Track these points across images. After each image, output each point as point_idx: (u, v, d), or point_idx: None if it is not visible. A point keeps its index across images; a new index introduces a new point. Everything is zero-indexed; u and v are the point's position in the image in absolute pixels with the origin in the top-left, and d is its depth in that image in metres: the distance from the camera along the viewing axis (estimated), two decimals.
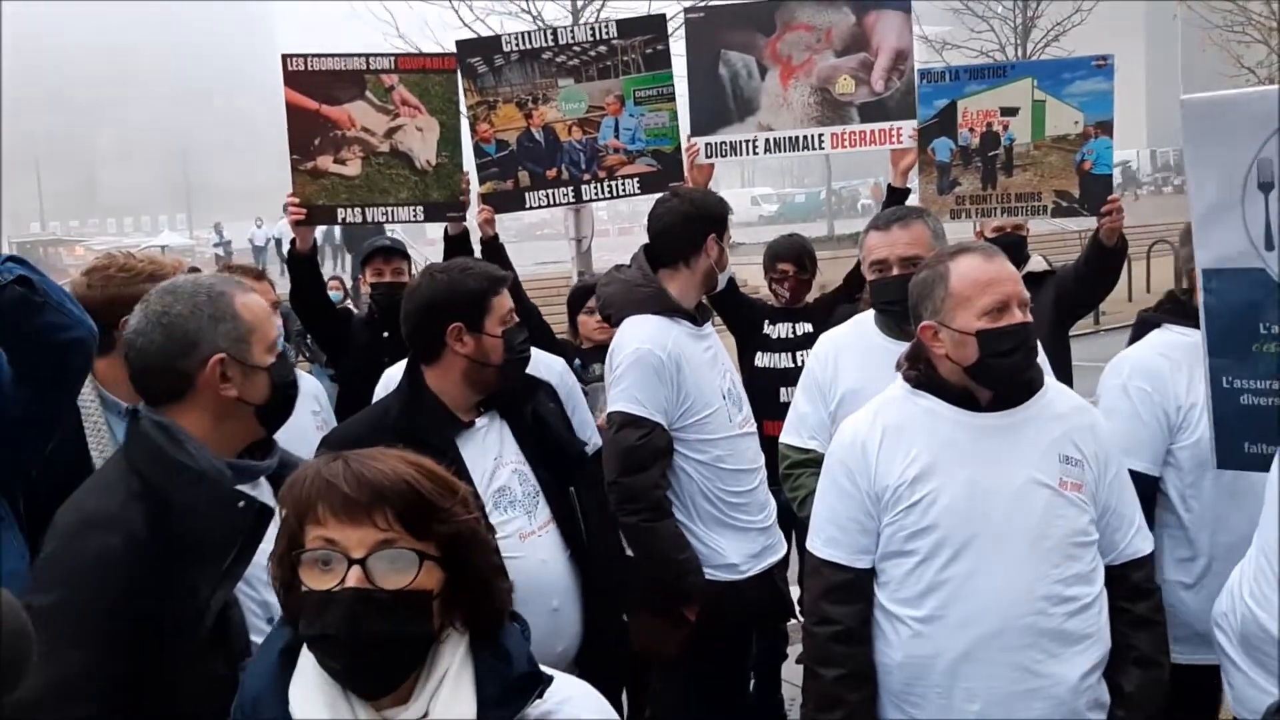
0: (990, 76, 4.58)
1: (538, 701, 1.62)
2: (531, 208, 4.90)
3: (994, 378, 2.67)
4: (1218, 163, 3.09)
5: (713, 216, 3.74)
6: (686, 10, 4.97)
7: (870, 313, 3.62)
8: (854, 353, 3.52)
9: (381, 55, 4.71)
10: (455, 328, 3.06)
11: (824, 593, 2.76)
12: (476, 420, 3.13)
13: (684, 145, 4.84)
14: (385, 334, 4.70)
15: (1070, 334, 4.98)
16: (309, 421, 3.83)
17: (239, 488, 2.23)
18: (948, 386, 2.72)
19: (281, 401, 2.41)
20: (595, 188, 4.86)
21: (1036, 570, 2.59)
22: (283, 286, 4.81)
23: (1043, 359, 3.23)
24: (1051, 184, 4.53)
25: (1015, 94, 4.54)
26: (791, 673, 4.45)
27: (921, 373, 2.76)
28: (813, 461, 3.43)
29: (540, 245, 32.58)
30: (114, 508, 2.14)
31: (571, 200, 4.89)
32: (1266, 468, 3.06)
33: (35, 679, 1.89)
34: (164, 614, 2.07)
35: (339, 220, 4.73)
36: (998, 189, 4.57)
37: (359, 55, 4.68)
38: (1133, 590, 2.73)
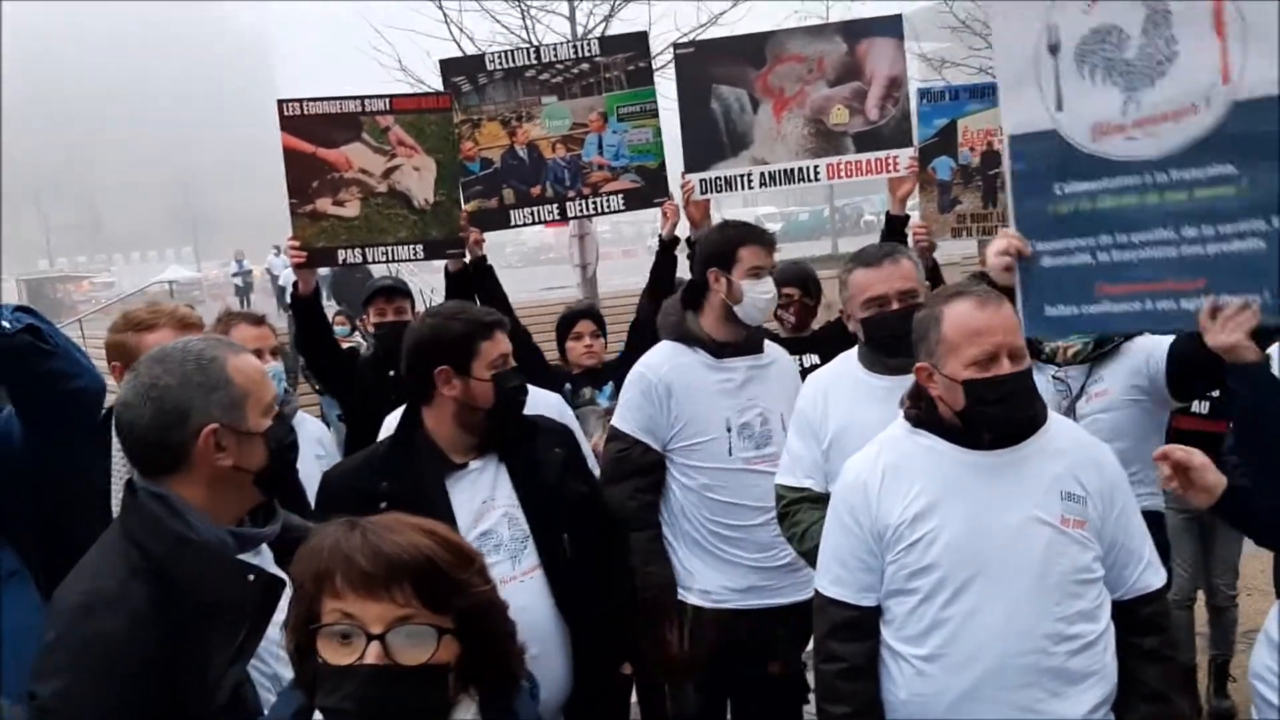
0: (990, 95, 4.55)
1: None
2: (516, 225, 4.95)
3: (981, 425, 2.69)
4: (1015, 30, 3.31)
5: (710, 254, 3.84)
6: (675, 46, 4.99)
7: (854, 351, 3.60)
8: (841, 391, 3.52)
9: (376, 96, 4.75)
10: (443, 371, 3.10)
11: (830, 630, 2.79)
12: (471, 462, 3.15)
13: (678, 179, 4.86)
14: (391, 373, 4.65)
15: None
16: (313, 466, 3.82)
17: (242, 557, 2.19)
18: (947, 425, 2.73)
19: (280, 465, 2.32)
20: (580, 204, 4.91)
21: (1038, 608, 2.59)
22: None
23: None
24: None
25: None
26: None
27: (922, 411, 2.77)
28: (809, 500, 3.46)
29: (546, 270, 32.62)
30: (115, 587, 2.06)
31: (556, 218, 4.94)
32: (1067, 333, 3.42)
33: None
34: (174, 694, 2.02)
35: (339, 262, 4.76)
36: (999, 207, 4.54)
37: (354, 98, 4.72)
38: (1142, 625, 2.72)
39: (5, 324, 2.54)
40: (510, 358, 3.20)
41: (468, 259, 4.82)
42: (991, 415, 2.66)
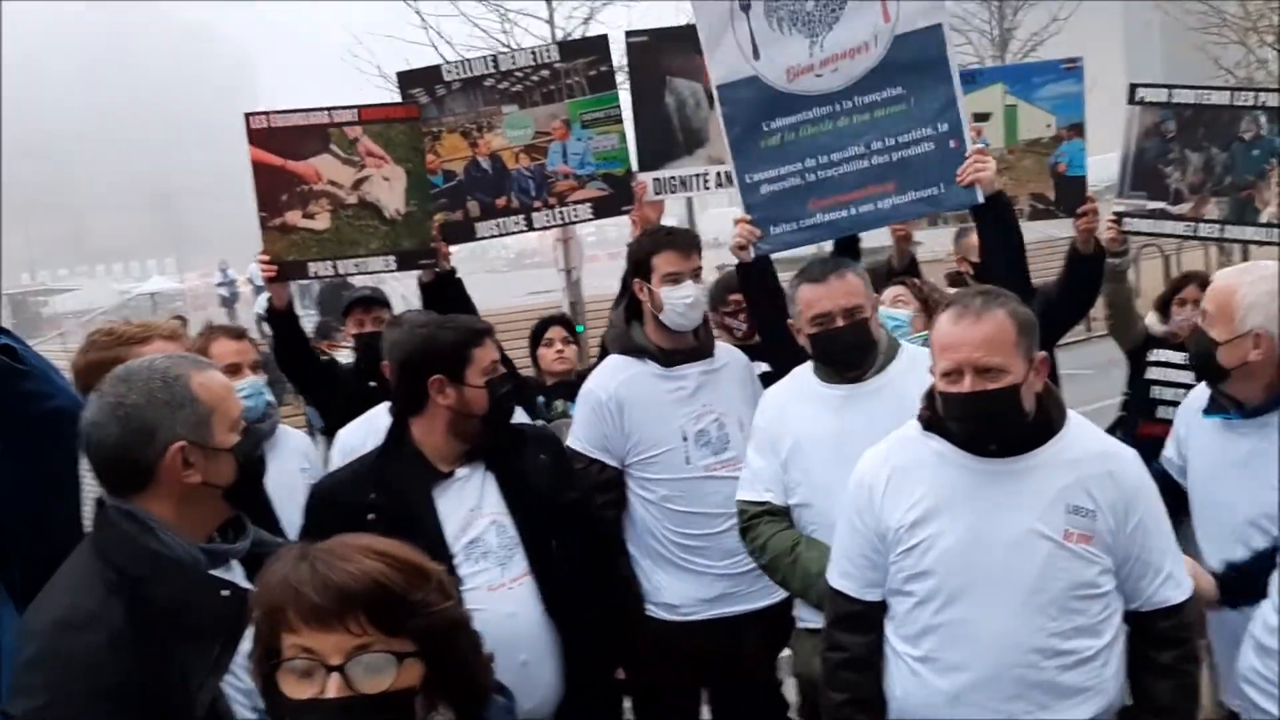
0: (969, 82, 4.49)
1: None
2: (482, 238, 4.85)
3: (954, 436, 2.69)
4: None
5: (635, 262, 3.84)
6: (627, 34, 4.88)
7: (808, 365, 3.56)
8: (798, 403, 3.50)
9: (344, 108, 4.69)
10: (437, 380, 3.12)
11: (835, 621, 2.86)
12: (457, 471, 3.15)
13: (634, 181, 4.73)
14: (372, 384, 4.65)
15: (1059, 342, 4.94)
16: (298, 480, 3.80)
17: (214, 573, 2.19)
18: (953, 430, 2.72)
19: (248, 479, 2.34)
20: (547, 215, 4.78)
21: (1030, 622, 2.58)
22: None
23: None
24: (1027, 188, 4.60)
25: (986, 100, 4.58)
26: None
27: (934, 413, 2.75)
28: (770, 513, 3.46)
29: (530, 275, 32.62)
30: (93, 605, 2.07)
31: (523, 229, 4.82)
32: (793, 245, 4.07)
33: None
34: (153, 710, 2.02)
35: (310, 275, 4.68)
36: None
37: (321, 109, 4.66)
38: (1158, 638, 2.69)
39: None
40: (499, 364, 3.21)
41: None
42: (958, 430, 2.68)
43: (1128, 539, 2.65)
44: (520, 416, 4.01)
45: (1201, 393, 3.41)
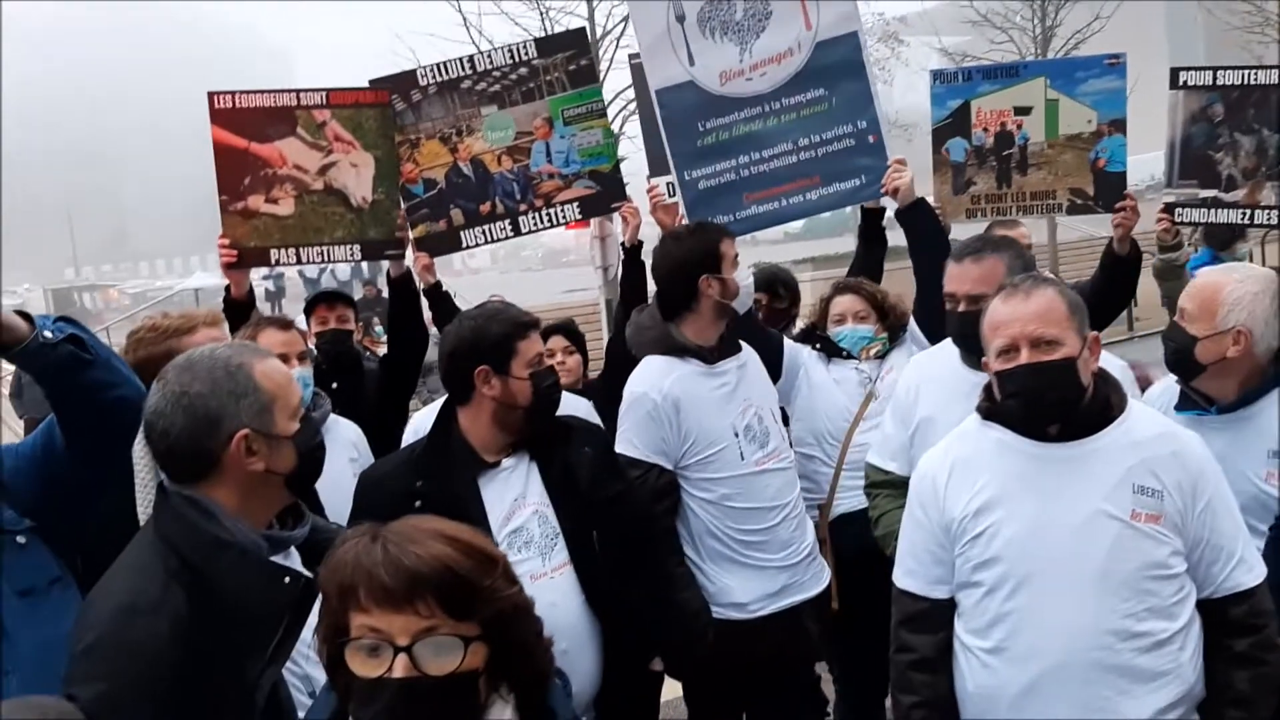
0: (1003, 76, 4.61)
1: None
2: (468, 247, 4.63)
3: (1011, 417, 2.67)
4: (648, 6, 4.46)
5: (700, 260, 3.74)
6: (631, 57, 4.92)
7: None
8: (933, 380, 3.55)
9: (312, 90, 4.49)
10: (482, 371, 3.14)
11: (902, 621, 2.81)
12: (503, 461, 3.18)
13: (644, 183, 4.81)
14: (334, 384, 4.47)
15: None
16: (346, 469, 3.78)
17: (274, 559, 2.20)
18: (1014, 417, 2.69)
19: (310, 466, 2.35)
20: (533, 218, 4.60)
21: (1103, 605, 2.53)
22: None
23: (1129, 380, 3.31)
24: (1066, 182, 4.54)
25: (1028, 93, 4.57)
26: None
27: (993, 403, 2.74)
28: (891, 484, 3.52)
29: (567, 273, 32.72)
30: (156, 591, 2.07)
31: (510, 234, 4.64)
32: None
33: None
34: (213, 698, 2.03)
35: (273, 262, 4.49)
36: (1013, 188, 4.59)
37: (289, 91, 4.48)
38: (1233, 626, 2.62)
39: (48, 334, 2.50)
40: (544, 357, 3.24)
41: (409, 261, 4.56)
42: (1014, 409, 2.65)
43: (1197, 521, 2.59)
44: (589, 410, 4.07)
45: (1165, 390, 3.40)
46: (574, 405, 3.93)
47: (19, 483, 2.68)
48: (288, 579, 2.12)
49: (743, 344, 3.93)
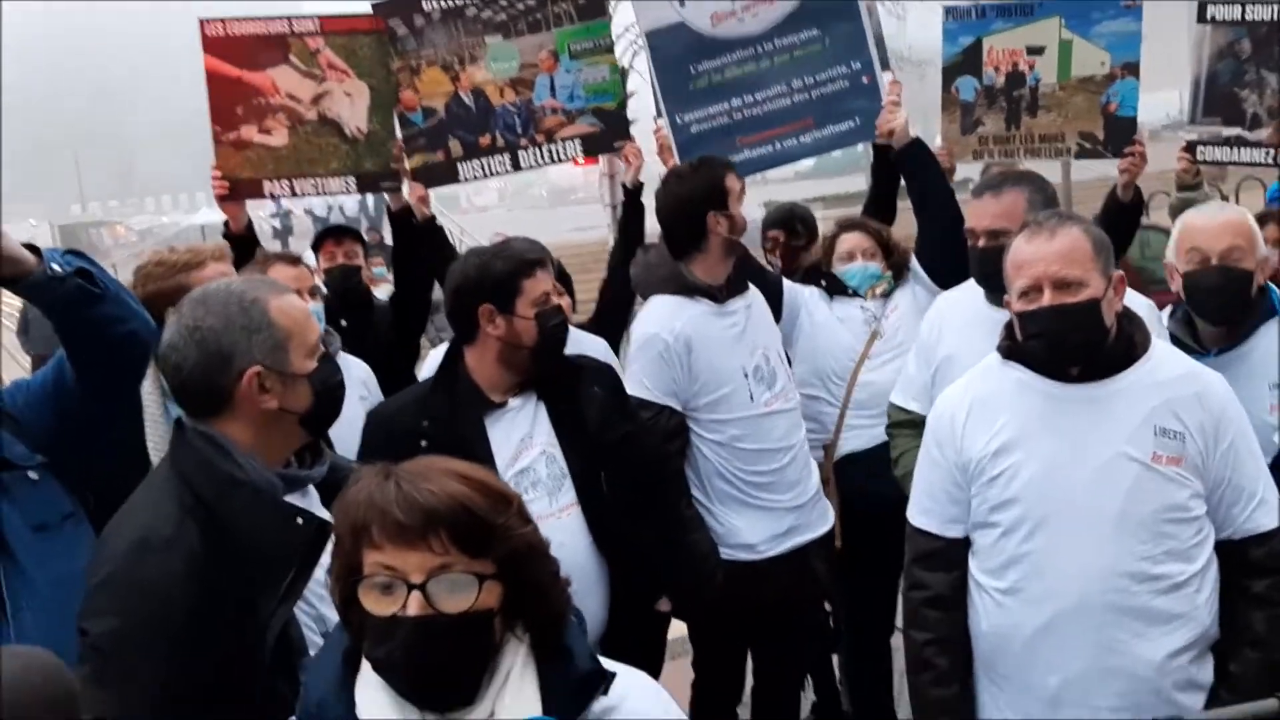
0: (1017, 14, 4.46)
1: (601, 698, 1.62)
2: (465, 180, 4.52)
3: (1033, 359, 2.64)
4: None
5: (706, 196, 3.68)
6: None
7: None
8: (957, 319, 3.51)
9: (305, 17, 4.35)
10: (486, 309, 3.10)
11: (916, 559, 2.81)
12: (510, 401, 3.16)
13: (651, 123, 4.63)
14: (343, 322, 4.42)
15: None
16: (357, 408, 3.70)
17: (289, 499, 2.18)
18: (1034, 357, 2.66)
19: (327, 406, 2.30)
20: (534, 153, 4.48)
21: (1121, 547, 2.53)
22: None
23: (1155, 319, 3.27)
24: (1075, 125, 4.43)
25: (1042, 33, 4.46)
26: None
27: (1014, 342, 2.70)
28: (912, 423, 3.47)
29: (575, 211, 32.48)
30: (170, 528, 2.07)
31: (509, 169, 4.53)
32: None
33: (96, 710, 1.90)
34: (225, 636, 2.03)
35: (266, 194, 4.39)
36: (1021, 130, 4.48)
37: (281, 18, 4.33)
38: (1252, 567, 2.60)
39: (56, 267, 2.47)
40: (552, 296, 3.19)
41: (407, 193, 4.43)
42: (1035, 350, 2.62)
43: (1219, 462, 2.57)
44: (606, 350, 4.01)
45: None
46: (589, 344, 3.89)
47: (30, 418, 2.68)
48: (300, 520, 2.10)
49: (749, 284, 3.89)
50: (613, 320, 4.25)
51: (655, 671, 3.59)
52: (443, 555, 1.52)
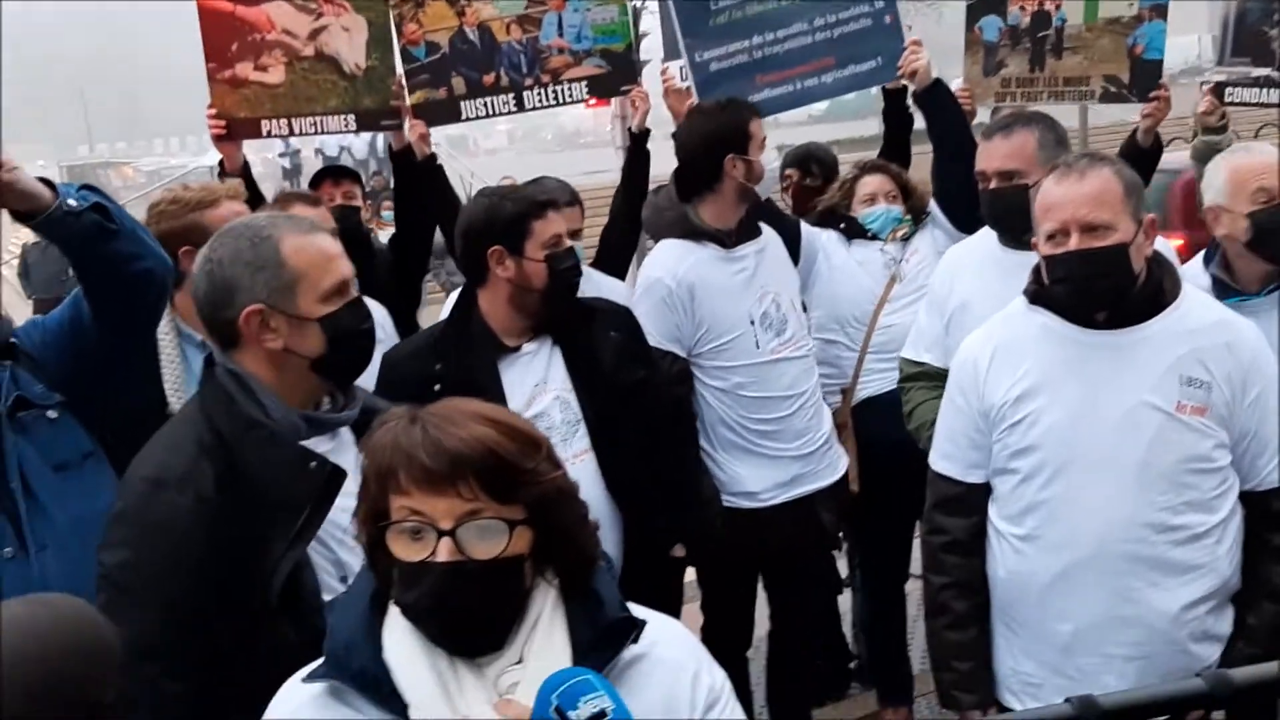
0: None
1: (631, 645, 1.59)
2: (468, 119, 4.41)
3: (1059, 304, 2.59)
4: None
5: (727, 137, 3.62)
6: None
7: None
8: (971, 265, 3.44)
9: None
10: (496, 251, 3.05)
11: (936, 504, 2.80)
12: (524, 345, 3.13)
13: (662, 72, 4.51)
14: None
15: None
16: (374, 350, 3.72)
17: (310, 441, 2.15)
18: (1060, 302, 2.62)
19: (344, 354, 2.22)
20: (539, 94, 4.36)
21: (1141, 496, 2.49)
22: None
23: (1191, 267, 3.25)
24: (1101, 68, 4.34)
25: None
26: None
27: (1041, 287, 2.65)
28: (926, 375, 3.44)
29: (585, 154, 32.23)
30: (184, 465, 2.07)
31: (513, 109, 4.41)
32: None
33: None
34: (234, 575, 2.03)
35: (264, 133, 4.27)
36: (1045, 72, 4.39)
37: None
38: (1273, 520, 2.57)
39: (72, 202, 2.44)
40: (565, 238, 3.13)
41: (407, 130, 4.30)
42: (1060, 294, 2.57)
43: (1245, 413, 2.53)
44: (627, 293, 3.92)
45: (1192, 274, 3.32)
46: (608, 287, 3.85)
47: (48, 356, 2.67)
48: (313, 464, 2.08)
49: (764, 227, 3.83)
50: (612, 266, 4.20)
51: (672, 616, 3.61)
52: (472, 501, 1.49)
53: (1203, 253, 3.42)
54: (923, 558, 2.86)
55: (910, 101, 4.34)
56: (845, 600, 4.79)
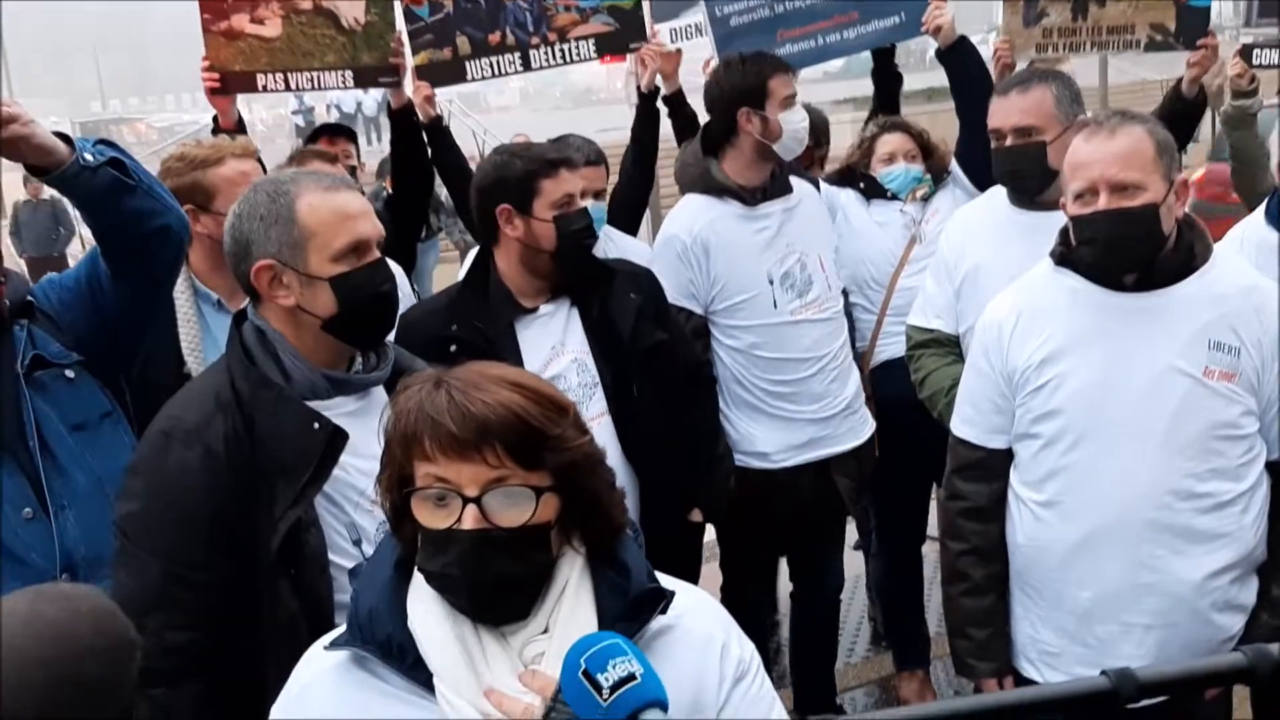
0: None
1: (659, 616, 1.56)
2: (473, 79, 4.32)
3: (1086, 266, 2.54)
4: None
5: (744, 92, 3.56)
6: None
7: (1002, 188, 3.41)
8: (982, 228, 3.39)
9: None
10: (504, 210, 3.02)
11: (956, 469, 2.77)
12: (541, 306, 3.09)
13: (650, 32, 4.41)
14: None
15: None
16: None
17: (334, 401, 2.15)
18: (1088, 264, 2.56)
19: (357, 315, 2.18)
20: (545, 53, 4.27)
21: (1166, 463, 2.46)
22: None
23: (1251, 221, 3.25)
24: (1147, 16, 4.23)
25: None
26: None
27: (1068, 248, 2.60)
28: (936, 342, 3.42)
29: (597, 111, 31.97)
30: (195, 419, 2.08)
31: (519, 69, 4.32)
32: None
33: (116, 588, 2.06)
34: (237, 530, 2.04)
35: (260, 88, 4.17)
36: (1088, 21, 4.27)
37: None
38: None
39: (89, 156, 2.41)
40: (577, 199, 3.07)
41: (411, 93, 4.23)
42: (1088, 255, 2.52)
43: (1274, 379, 2.49)
44: (649, 255, 3.90)
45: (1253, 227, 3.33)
46: (632, 248, 3.81)
47: (66, 315, 2.65)
48: (316, 425, 2.07)
49: (800, 185, 3.76)
50: (622, 224, 4.16)
51: (691, 581, 3.60)
52: (498, 468, 1.46)
53: (1263, 206, 3.37)
54: (940, 523, 2.84)
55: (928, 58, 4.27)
56: (858, 563, 4.80)
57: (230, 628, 2.05)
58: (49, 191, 13.26)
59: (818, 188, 4.07)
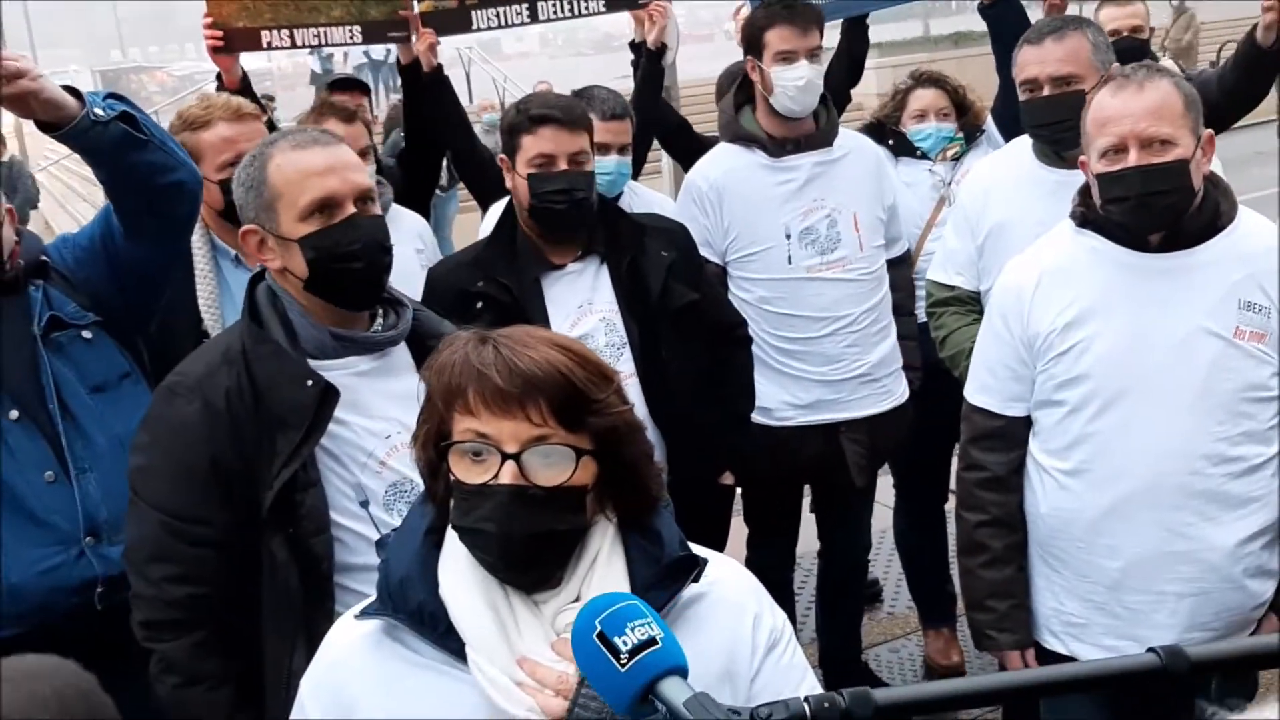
0: None
1: (691, 584, 1.55)
2: (478, 29, 4.19)
3: (1112, 225, 2.46)
4: None
5: (745, 40, 3.54)
6: None
7: (1027, 141, 3.30)
8: (1006, 183, 3.30)
9: None
10: (503, 160, 3.00)
11: (973, 439, 2.69)
12: (570, 264, 3.01)
13: None
14: None
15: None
16: (413, 261, 3.55)
17: (346, 360, 2.15)
18: (1112, 224, 2.47)
19: (330, 275, 2.13)
20: (554, 4, 4.15)
21: (1197, 426, 2.39)
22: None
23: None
24: None
25: None
26: None
27: (1090, 209, 2.52)
28: (957, 300, 3.35)
29: (620, 58, 31.62)
30: (199, 374, 2.11)
31: (526, 20, 4.21)
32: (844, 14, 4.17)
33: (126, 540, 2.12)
34: (233, 487, 2.07)
35: (264, 45, 4.04)
36: None
37: None
38: None
39: (99, 111, 2.36)
40: (560, 159, 2.90)
41: (414, 40, 4.07)
42: (1118, 214, 2.43)
43: None
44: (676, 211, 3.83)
45: None
46: (660, 203, 3.73)
47: (81, 275, 2.63)
48: (309, 382, 2.08)
49: (852, 138, 3.66)
50: None
51: (720, 544, 3.57)
52: (540, 426, 1.45)
53: None
54: (957, 495, 2.77)
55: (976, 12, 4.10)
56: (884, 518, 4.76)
57: (230, 585, 2.08)
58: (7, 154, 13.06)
59: None
